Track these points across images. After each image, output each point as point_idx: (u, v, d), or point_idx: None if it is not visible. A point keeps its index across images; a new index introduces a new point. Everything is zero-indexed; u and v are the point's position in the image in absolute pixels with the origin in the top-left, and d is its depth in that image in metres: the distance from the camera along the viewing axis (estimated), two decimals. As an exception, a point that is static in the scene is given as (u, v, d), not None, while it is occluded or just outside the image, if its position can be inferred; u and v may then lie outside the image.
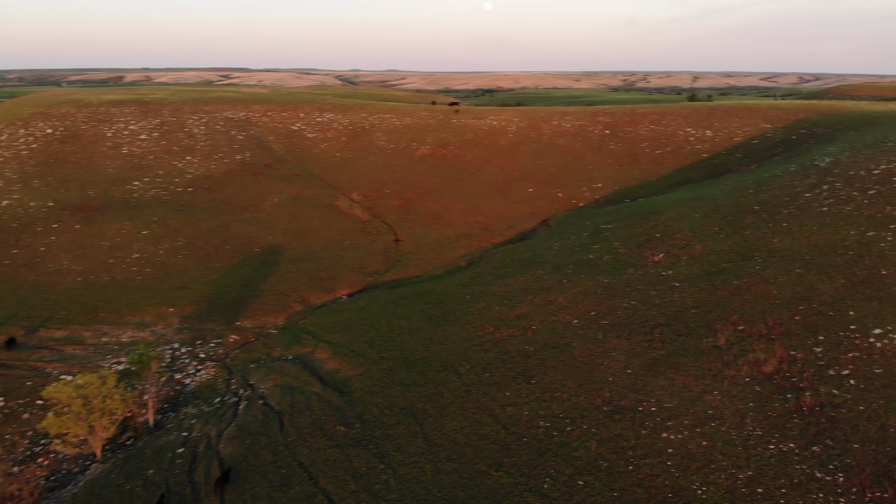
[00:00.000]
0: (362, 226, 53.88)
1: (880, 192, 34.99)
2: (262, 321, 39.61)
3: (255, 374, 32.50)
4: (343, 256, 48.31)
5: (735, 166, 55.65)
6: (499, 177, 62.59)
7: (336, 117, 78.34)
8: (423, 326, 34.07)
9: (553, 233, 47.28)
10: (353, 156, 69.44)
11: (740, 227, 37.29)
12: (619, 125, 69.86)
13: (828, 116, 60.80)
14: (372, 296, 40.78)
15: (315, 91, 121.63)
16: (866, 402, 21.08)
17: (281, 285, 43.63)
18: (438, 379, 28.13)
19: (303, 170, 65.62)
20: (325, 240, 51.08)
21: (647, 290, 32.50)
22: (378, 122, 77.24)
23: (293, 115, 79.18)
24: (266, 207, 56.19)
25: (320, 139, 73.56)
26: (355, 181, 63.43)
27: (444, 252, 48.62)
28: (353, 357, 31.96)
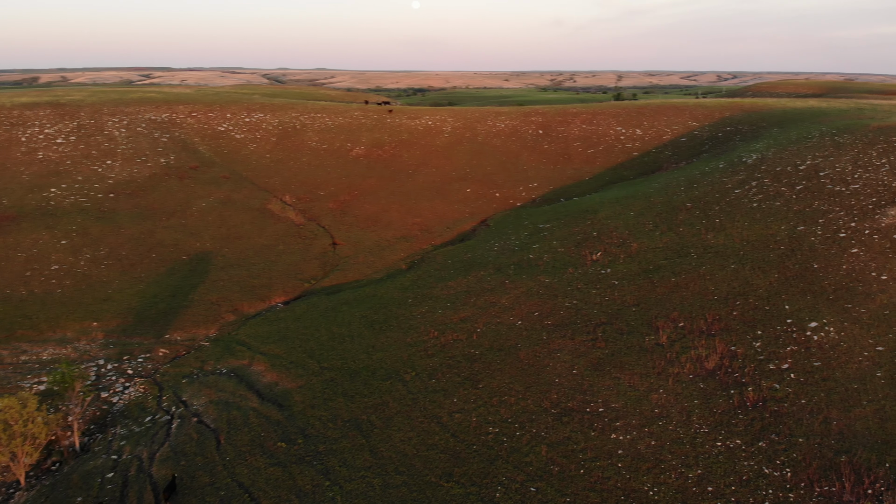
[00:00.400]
0: (297, 229, 52.33)
1: (807, 187, 36.44)
2: (193, 333, 37.73)
3: (188, 390, 30.80)
4: (277, 262, 46.71)
5: (665, 164, 57.16)
6: (436, 177, 62.13)
7: (265, 117, 75.98)
8: (366, 333, 33.18)
9: (492, 233, 47.18)
10: (284, 157, 67.46)
11: (674, 224, 38.12)
12: (552, 125, 70.65)
13: (752, 114, 63.31)
14: (310, 303, 39.52)
15: (242, 90, 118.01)
16: (807, 396, 21.67)
17: (212, 294, 41.74)
18: (383, 388, 27.36)
19: (231, 172, 63.24)
20: (258, 245, 49.29)
21: (588, 288, 32.70)
22: (310, 121, 75.39)
23: (220, 116, 76.33)
24: (193, 212, 53.78)
25: (249, 140, 71.15)
26: (287, 183, 61.61)
27: (384, 255, 47.76)
28: (292, 368, 30.77)
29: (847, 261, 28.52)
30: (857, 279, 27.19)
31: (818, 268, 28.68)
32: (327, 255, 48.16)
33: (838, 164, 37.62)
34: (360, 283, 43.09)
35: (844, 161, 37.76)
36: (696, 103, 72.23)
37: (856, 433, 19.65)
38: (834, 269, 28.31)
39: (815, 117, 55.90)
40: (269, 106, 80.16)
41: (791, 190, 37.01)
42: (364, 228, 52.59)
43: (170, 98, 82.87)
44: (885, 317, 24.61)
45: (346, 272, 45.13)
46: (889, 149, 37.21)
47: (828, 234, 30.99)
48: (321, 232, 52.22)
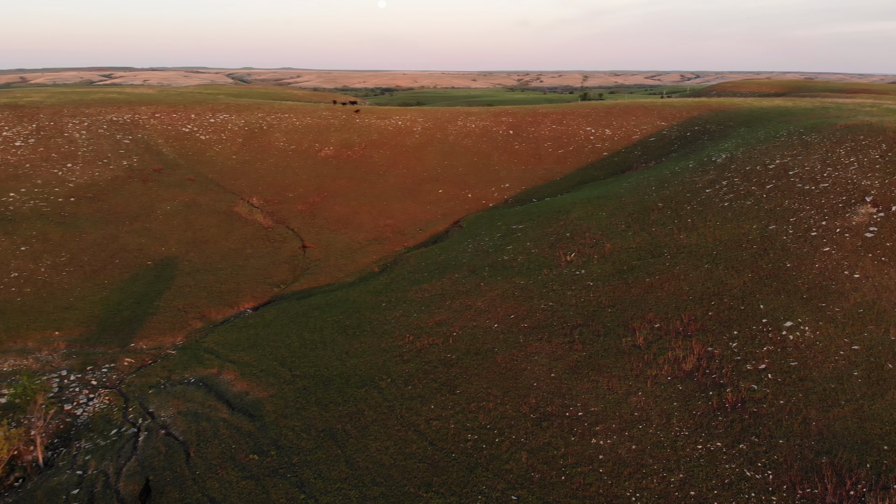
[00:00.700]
0: (265, 233, 51.18)
1: (777, 186, 36.75)
2: (159, 341, 36.49)
3: (155, 401, 29.67)
4: (245, 266, 45.58)
5: (635, 164, 57.42)
6: (407, 178, 61.48)
7: (231, 118, 74.38)
8: (339, 339, 32.43)
9: (466, 234, 46.74)
10: (250, 158, 66.07)
11: (646, 224, 38.15)
12: (522, 125, 70.55)
13: (719, 113, 64.04)
14: (280, 308, 38.56)
15: (207, 90, 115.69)
16: (786, 396, 21.64)
17: (178, 301, 40.48)
18: (358, 396, 26.68)
19: (196, 174, 61.69)
20: (225, 249, 48.06)
21: (563, 290, 32.45)
22: (277, 122, 74.03)
23: (184, 117, 74.49)
24: (158, 216, 52.26)
25: (214, 141, 69.53)
26: (255, 185, 60.32)
27: (356, 258, 46.95)
28: (263, 377, 29.87)
29: (819, 259, 28.74)
30: (830, 278, 27.38)
31: (791, 267, 28.84)
32: (297, 259, 47.17)
33: (807, 163, 38.05)
34: (332, 286, 42.26)
35: (813, 160, 38.21)
36: (664, 103, 72.85)
37: (835, 433, 19.65)
38: (807, 267, 28.49)
39: (781, 116, 56.71)
40: (234, 106, 78.53)
41: (761, 189, 37.31)
42: (335, 231, 51.71)
43: (132, 99, 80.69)
44: (860, 315, 24.79)
45: (316, 276, 44.24)
46: (857, 147, 37.76)
47: (799, 233, 31.23)
48: (290, 235, 51.18)
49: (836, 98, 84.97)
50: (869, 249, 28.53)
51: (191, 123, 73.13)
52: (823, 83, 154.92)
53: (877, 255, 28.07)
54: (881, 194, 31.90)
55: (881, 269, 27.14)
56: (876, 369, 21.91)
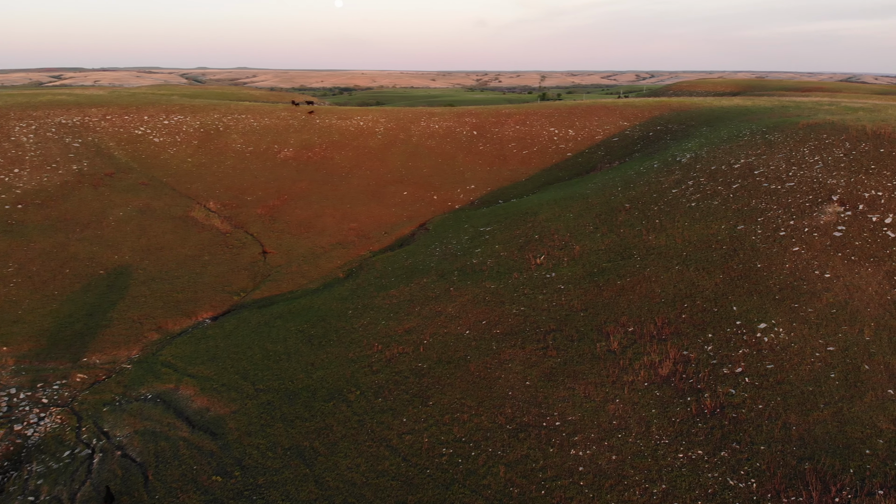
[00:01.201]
0: (223, 238, 49.36)
1: (743, 185, 36.80)
2: (114, 355, 34.59)
3: (110, 420, 27.94)
4: (203, 274, 43.79)
5: (599, 164, 57.32)
6: (371, 180, 60.20)
7: (185, 119, 71.89)
8: (304, 349, 31.15)
9: (433, 237, 45.81)
10: (207, 161, 63.88)
11: (614, 225, 37.82)
12: (486, 126, 69.94)
13: (680, 113, 64.50)
14: (240, 318, 37.03)
15: (160, 91, 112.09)
16: (764, 401, 21.32)
17: (132, 311, 38.56)
18: (326, 410, 25.51)
19: (150, 178, 59.32)
20: (181, 256, 46.13)
21: (535, 294, 31.81)
22: (233, 123, 71.85)
23: (136, 119, 71.72)
24: (110, 223, 49.95)
25: (168, 144, 67.06)
26: (211, 188, 58.28)
27: (319, 263, 45.56)
28: (225, 392, 28.44)
29: (790, 259, 28.69)
30: (801, 278, 27.32)
31: (762, 267, 28.72)
32: (257, 265, 45.54)
33: (772, 163, 38.24)
34: (295, 294, 40.83)
35: (778, 159, 38.43)
36: (626, 103, 73.16)
37: (816, 438, 19.37)
38: (777, 268, 28.40)
39: (742, 116, 57.31)
40: (189, 107, 75.98)
41: (728, 189, 37.33)
42: (296, 235, 50.18)
43: (82, 100, 77.42)
44: (833, 316, 24.72)
45: (278, 283, 42.73)
46: (820, 146, 38.10)
47: (768, 233, 31.20)
48: (250, 240, 49.47)
49: (793, 97, 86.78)
50: (838, 249, 28.60)
51: (144, 125, 70.43)
52: (777, 82, 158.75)
53: (846, 254, 28.14)
54: (847, 193, 32.11)
55: (851, 269, 27.18)
56: (853, 371, 21.78)
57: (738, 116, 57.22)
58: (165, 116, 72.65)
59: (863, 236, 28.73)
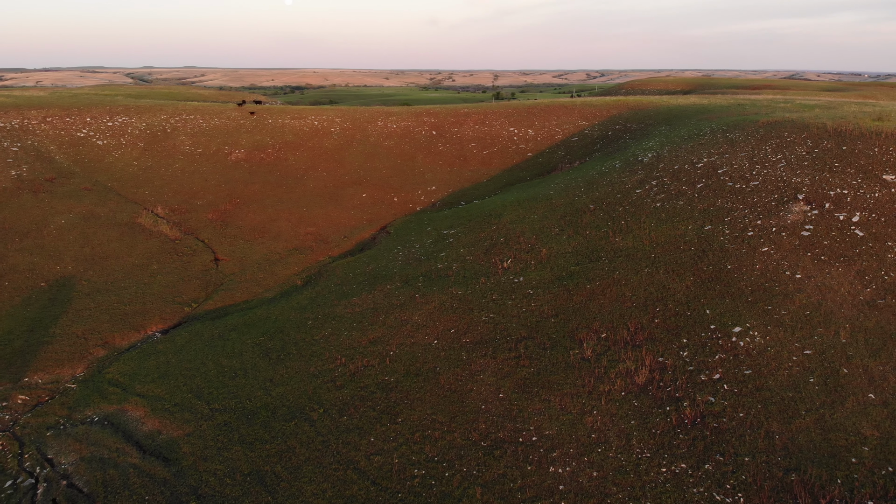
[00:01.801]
0: (172, 245, 46.92)
1: (707, 185, 36.53)
2: (57, 374, 32.14)
3: (54, 445, 25.72)
4: (151, 284, 41.41)
5: (560, 164, 56.82)
6: (328, 182, 58.35)
7: (130, 120, 68.62)
8: (261, 364, 29.41)
9: (395, 241, 44.39)
10: (154, 164, 60.98)
11: (580, 227, 37.13)
12: (445, 126, 68.79)
13: (638, 111, 64.55)
14: (193, 330, 34.96)
15: (104, 91, 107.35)
16: (745, 409, 20.71)
17: (77, 326, 36.06)
18: (287, 430, 23.93)
19: (94, 183, 56.23)
20: (128, 265, 43.59)
21: (503, 300, 30.79)
22: (181, 124, 68.92)
23: (78, 120, 68.13)
24: (51, 231, 46.95)
25: (113, 146, 63.83)
26: (159, 193, 55.56)
27: (275, 270, 43.64)
28: (177, 412, 26.53)
29: (759, 260, 28.35)
30: (772, 279, 26.97)
31: (732, 269, 28.31)
32: (209, 273, 43.35)
33: (735, 161, 38.13)
34: (250, 303, 38.89)
35: (741, 158, 38.33)
36: (584, 102, 73.03)
37: (801, 447, 18.80)
38: (748, 269, 28.02)
39: (699, 114, 57.57)
40: (134, 108, 72.63)
41: (692, 188, 37.03)
42: (250, 241, 48.08)
43: (20, 102, 73.24)
44: (807, 318, 24.36)
45: (232, 292, 40.68)
46: (782, 144, 38.15)
47: (736, 233, 30.87)
48: (201, 247, 47.15)
49: (746, 94, 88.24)
50: (807, 248, 28.38)
51: (86, 128, 66.92)
52: (726, 80, 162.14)
53: (816, 254, 27.93)
54: (813, 191, 32.05)
55: (822, 269, 26.96)
56: (831, 375, 21.37)
57: (697, 115, 57.46)
58: (109, 118, 69.21)
59: (831, 235, 28.60)
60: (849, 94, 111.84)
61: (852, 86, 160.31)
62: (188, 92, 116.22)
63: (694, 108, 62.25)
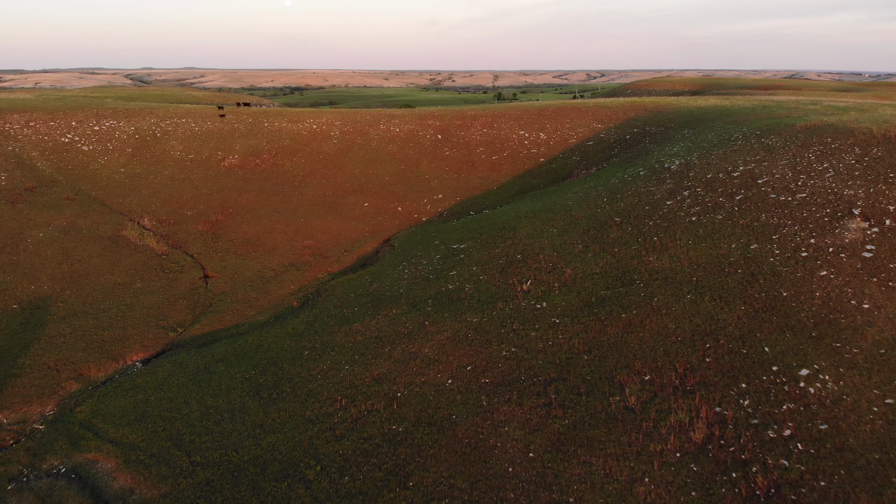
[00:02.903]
0: (158, 261, 43.36)
1: (748, 196, 32.97)
2: (24, 412, 28.59)
3: (14, 502, 22.28)
4: (134, 306, 37.85)
5: (575, 170, 53.26)
6: (327, 190, 54.78)
7: (118, 124, 65.02)
8: (251, 405, 25.84)
9: (400, 255, 40.83)
10: (142, 171, 57.39)
11: (606, 243, 33.58)
12: (451, 129, 65.21)
13: (657, 114, 61.01)
14: (176, 361, 31.41)
15: (93, 94, 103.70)
16: (826, 476, 17.14)
17: (49, 356, 32.50)
18: (279, 494, 20.37)
19: (77, 192, 52.66)
20: (109, 284, 40.03)
21: (526, 330, 27.22)
22: (172, 128, 65.33)
23: (63, 125, 64.55)
24: (27, 246, 43.39)
25: (99, 152, 60.23)
26: (147, 203, 51.99)
27: (269, 288, 40.07)
28: (154, 466, 22.97)
29: (819, 286, 24.77)
30: (836, 310, 23.39)
31: (788, 296, 24.73)
32: (198, 293, 39.78)
33: (776, 170, 34.56)
34: (241, 328, 35.33)
35: (782, 166, 34.77)
36: (598, 104, 69.47)
37: (909, 533, 15.25)
38: (806, 297, 24.44)
39: (723, 117, 54.03)
40: (123, 111, 69.04)
41: (730, 201, 33.47)
42: (242, 255, 44.51)
43: (3, 105, 69.68)
44: (883, 358, 20.78)
45: (221, 314, 37.11)
46: (827, 151, 34.59)
47: (787, 254, 27.30)
48: (189, 262, 43.57)
49: (762, 95, 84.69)
50: (872, 273, 24.81)
51: (71, 132, 63.33)
52: (734, 80, 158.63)
53: (882, 279, 24.36)
54: (869, 206, 28.48)
55: (892, 297, 23.38)
56: (930, 435, 17.79)
57: (721, 118, 53.90)
58: (96, 122, 65.60)
59: (901, 258, 25.01)
60: (865, 95, 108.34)
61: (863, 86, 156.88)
62: (182, 94, 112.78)
63: (716, 110, 58.67)
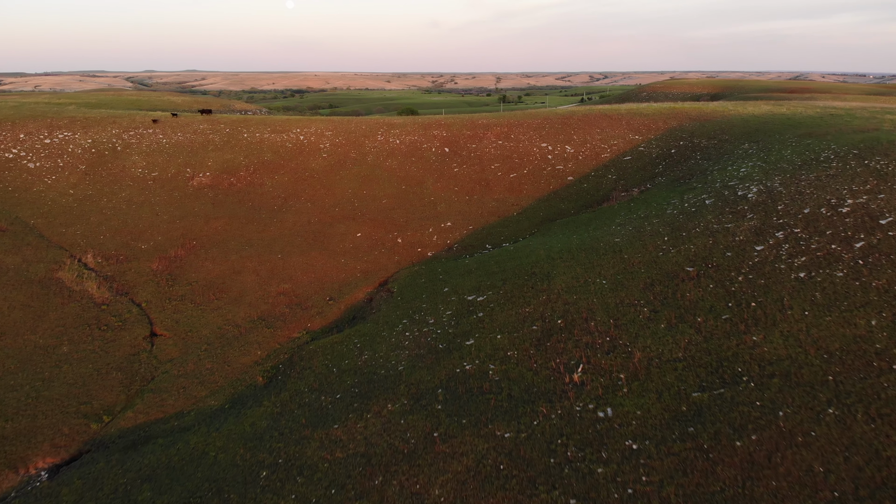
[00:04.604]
0: (96, 313, 34.35)
1: (872, 244, 23.80)
2: None
3: None
4: (53, 381, 28.86)
5: (613, 192, 44.09)
6: (312, 215, 45.75)
7: (74, 136, 56.10)
8: (166, 592, 16.79)
9: (399, 307, 31.69)
10: (94, 192, 48.43)
11: (683, 308, 24.43)
12: (460, 141, 56.13)
13: (704, 123, 51.80)
14: (90, 476, 22.39)
15: (56, 100, 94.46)
16: None
17: (-88, 465, 23.53)
18: None
19: (12, 220, 43.71)
20: (28, 348, 31.04)
21: (588, 461, 18.10)
22: (136, 140, 56.37)
23: (10, 137, 55.66)
24: (-70, 291, 34.46)
25: (47, 170, 51.29)
26: (94, 233, 43.03)
27: (230, 355, 31.00)
28: None
29: None
30: None
31: None
32: (138, 360, 30.74)
33: (912, 208, 25.41)
34: (185, 419, 26.24)
35: (919, 202, 25.62)
36: (630, 111, 60.17)
37: None
38: None
39: (790, 129, 44.85)
40: (82, 120, 60.12)
41: (848, 249, 24.31)
42: (202, 305, 35.46)
43: (-56, 111, 60.92)
44: None
45: (163, 396, 28.05)
46: None
47: (977, 344, 18.13)
48: (134, 315, 34.53)
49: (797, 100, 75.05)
50: None
51: (18, 146, 54.44)
52: (755, 82, 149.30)
53: None
54: None
55: None
56: None
57: (787, 129, 44.72)
58: (48, 133, 56.66)
59: None
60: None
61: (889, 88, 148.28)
62: (159, 99, 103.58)
63: (776, 119, 49.41)
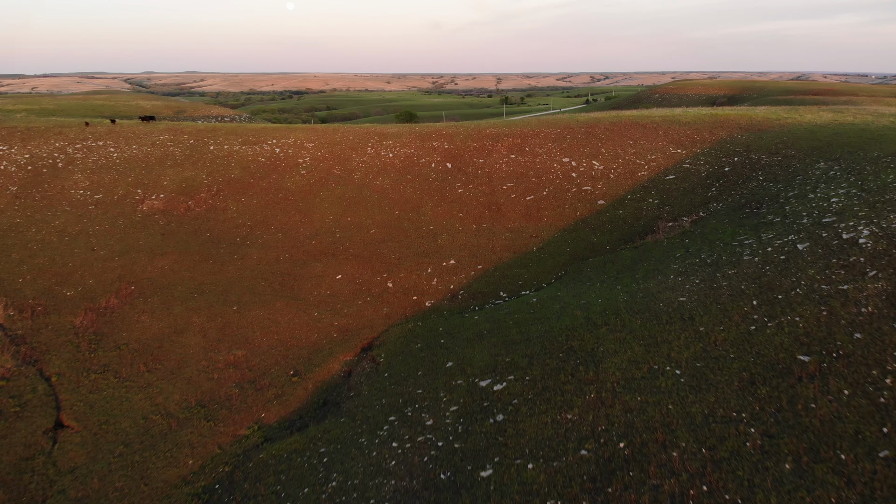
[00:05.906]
0: (-16, 394, 25.85)
1: None
2: None
3: None
4: None
5: (658, 222, 35.47)
6: (282, 250, 37.27)
7: (9, 150, 47.70)
8: None
9: (385, 392, 23.08)
10: (22, 220, 40.02)
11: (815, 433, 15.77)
12: (465, 154, 47.57)
13: (760, 134, 43.21)
14: None
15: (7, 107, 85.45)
16: None
17: None
18: None
19: None
20: None
21: None
22: (82, 154, 47.95)
23: (-66, 147, 47.27)
24: None
25: (-32, 190, 42.94)
26: (13, 274, 34.58)
27: (150, 466, 22.45)
28: None
29: None
30: None
31: None
32: (30, 468, 22.22)
33: None
34: (61, 591, 17.81)
35: None
36: (665, 118, 51.42)
37: None
38: None
39: (870, 142, 36.22)
40: (23, 131, 51.70)
41: None
42: (128, 379, 26.92)
43: None
44: None
45: (41, 541, 19.58)
46: None
47: None
48: (39, 394, 26.02)
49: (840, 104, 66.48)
50: None
51: (-57, 159, 46.06)
52: (773, 83, 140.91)
53: None
54: None
55: None
56: None
57: (867, 144, 36.12)
58: (-20, 144, 48.27)
59: None
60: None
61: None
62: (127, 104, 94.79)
63: (849, 131, 40.71)
